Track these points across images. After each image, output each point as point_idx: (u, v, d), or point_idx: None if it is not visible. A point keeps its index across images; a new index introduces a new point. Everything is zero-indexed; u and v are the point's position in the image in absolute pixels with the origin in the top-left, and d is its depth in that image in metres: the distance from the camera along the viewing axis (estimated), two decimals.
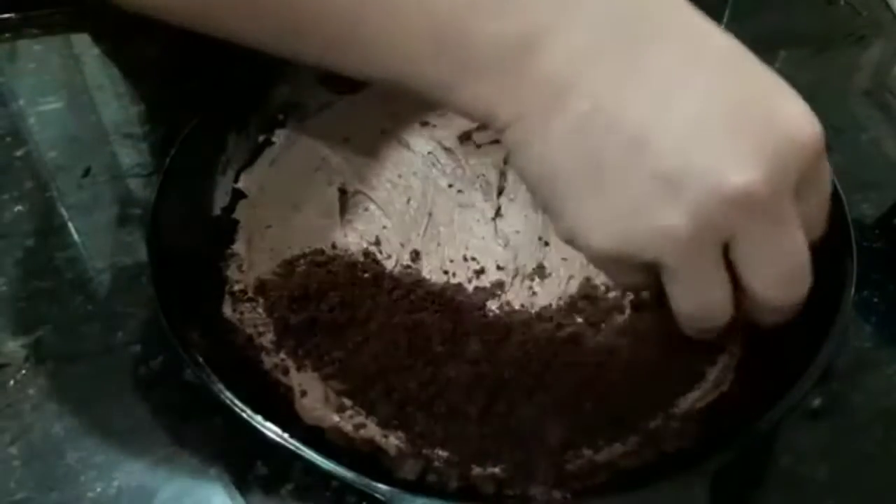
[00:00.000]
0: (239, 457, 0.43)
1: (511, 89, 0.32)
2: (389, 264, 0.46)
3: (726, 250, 0.31)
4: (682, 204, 0.30)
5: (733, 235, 0.31)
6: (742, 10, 0.71)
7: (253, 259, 0.47)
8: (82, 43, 0.66)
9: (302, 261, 0.45)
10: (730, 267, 0.32)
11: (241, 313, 0.44)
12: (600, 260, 0.34)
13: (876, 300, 0.51)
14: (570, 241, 0.33)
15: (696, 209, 0.30)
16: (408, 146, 0.52)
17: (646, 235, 0.31)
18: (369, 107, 0.55)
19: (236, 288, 0.45)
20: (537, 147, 0.32)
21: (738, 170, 0.29)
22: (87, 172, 0.57)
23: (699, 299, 0.33)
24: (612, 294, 0.44)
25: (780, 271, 0.32)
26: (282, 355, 0.42)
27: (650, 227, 0.31)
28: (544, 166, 0.33)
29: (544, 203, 0.34)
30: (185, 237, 0.46)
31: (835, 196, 0.45)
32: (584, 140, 0.31)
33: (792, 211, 0.31)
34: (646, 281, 0.34)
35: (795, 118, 0.31)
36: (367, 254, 0.47)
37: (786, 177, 0.30)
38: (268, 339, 0.43)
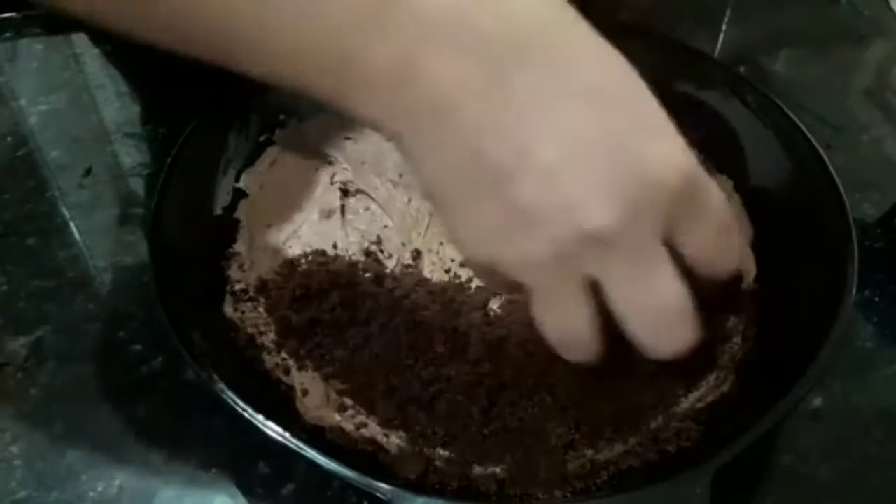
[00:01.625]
0: (240, 456, 0.43)
1: (390, 109, 0.33)
2: (391, 264, 0.46)
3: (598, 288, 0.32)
4: (542, 236, 0.31)
5: (597, 276, 0.32)
6: (743, 10, 0.71)
7: (254, 258, 0.47)
8: (83, 42, 0.67)
9: (303, 260, 0.45)
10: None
11: (243, 313, 0.44)
12: (477, 272, 0.37)
13: (877, 300, 0.51)
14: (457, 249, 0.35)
15: (553, 243, 0.31)
16: None
17: (510, 259, 0.33)
18: None
19: (237, 287, 0.45)
20: (420, 163, 0.34)
21: (594, 210, 0.30)
22: (88, 172, 0.57)
23: (559, 326, 0.34)
24: None
25: (647, 318, 0.33)
26: (283, 355, 0.42)
27: (514, 251, 0.32)
28: (428, 181, 0.34)
29: (433, 211, 0.35)
30: (187, 236, 0.46)
31: (836, 195, 0.45)
32: (455, 168, 0.33)
33: (656, 254, 0.31)
34: (519, 292, 0.35)
35: (660, 159, 0.31)
36: (368, 253, 0.47)
37: (646, 219, 0.31)
38: (269, 338, 0.43)
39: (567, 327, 0.34)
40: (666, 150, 0.31)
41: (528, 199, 0.31)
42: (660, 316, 0.33)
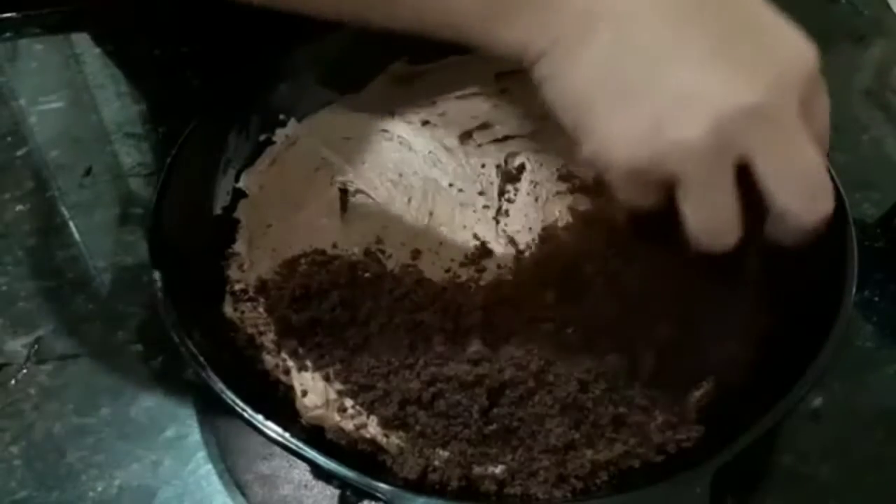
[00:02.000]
0: (240, 456, 0.43)
1: (544, 24, 0.36)
2: (390, 264, 0.46)
3: (742, 176, 0.35)
4: (699, 118, 0.34)
5: (751, 153, 0.34)
6: None
7: (254, 258, 0.47)
8: (83, 42, 0.67)
9: (303, 260, 0.45)
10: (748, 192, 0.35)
11: (242, 313, 0.44)
12: (623, 177, 0.37)
13: (877, 299, 0.51)
14: (597, 161, 0.37)
15: (710, 123, 0.34)
16: (408, 146, 0.52)
17: (666, 148, 0.35)
18: (369, 106, 0.55)
19: (237, 287, 0.45)
20: (567, 74, 0.37)
21: (748, 89, 0.34)
22: (88, 172, 0.57)
23: (710, 213, 0.36)
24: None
25: (800, 183, 0.35)
26: (283, 355, 0.42)
27: (670, 139, 0.34)
28: (574, 92, 0.37)
29: (574, 128, 0.37)
30: (187, 236, 0.46)
31: (836, 195, 0.45)
32: (610, 64, 0.36)
33: (799, 126, 0.35)
34: (660, 201, 0.37)
35: (794, 45, 0.36)
36: (367, 253, 0.47)
37: (789, 95, 0.34)
38: (269, 338, 0.43)
39: (717, 215, 0.36)
40: (795, 38, 0.36)
41: (682, 83, 0.34)
42: (808, 180, 0.35)
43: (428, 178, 0.51)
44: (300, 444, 0.36)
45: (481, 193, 0.50)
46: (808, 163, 0.35)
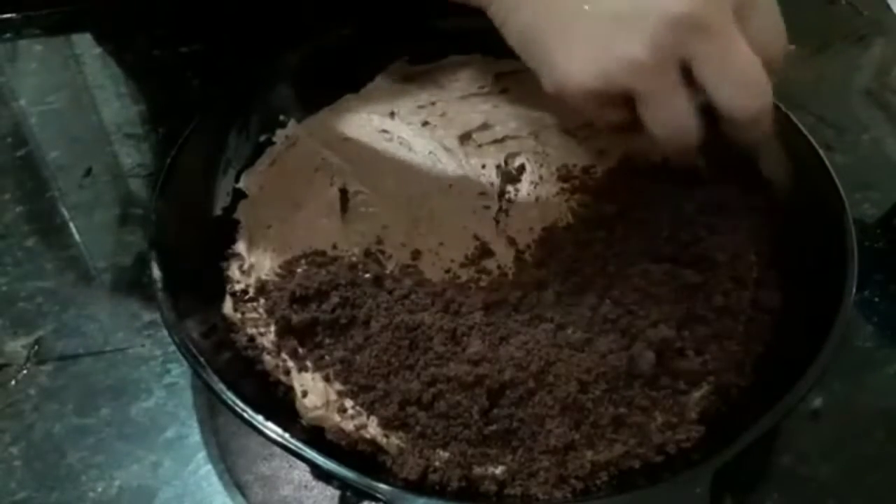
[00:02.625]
0: (240, 457, 0.43)
1: None
2: (390, 264, 0.46)
3: (689, 80, 0.38)
4: (639, 34, 0.37)
5: (690, 58, 0.38)
6: None
7: (254, 259, 0.47)
8: (83, 42, 0.67)
9: (303, 261, 0.45)
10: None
11: (242, 313, 0.44)
12: (583, 99, 0.40)
13: (877, 300, 0.51)
14: (559, 91, 0.41)
15: (651, 36, 0.37)
16: (408, 146, 0.52)
17: (616, 66, 0.38)
18: (369, 107, 0.55)
19: (237, 288, 0.45)
20: (516, 14, 0.41)
21: (680, 0, 0.37)
22: (88, 172, 0.57)
23: (669, 117, 0.40)
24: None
25: (737, 80, 0.39)
26: (283, 355, 0.42)
27: (618, 58, 0.38)
28: (525, 29, 0.41)
29: (534, 65, 0.41)
30: (186, 237, 0.46)
31: (836, 195, 0.45)
32: (554, 4, 0.40)
33: (733, 30, 0.38)
34: (626, 117, 0.41)
35: None
36: (367, 254, 0.47)
37: (720, 2, 0.38)
38: (269, 339, 0.43)
39: (675, 118, 0.39)
40: None
41: (619, 3, 0.38)
42: (742, 79, 0.39)
43: (428, 179, 0.51)
44: (300, 445, 0.36)
45: (481, 194, 0.50)
46: (741, 63, 0.38)
